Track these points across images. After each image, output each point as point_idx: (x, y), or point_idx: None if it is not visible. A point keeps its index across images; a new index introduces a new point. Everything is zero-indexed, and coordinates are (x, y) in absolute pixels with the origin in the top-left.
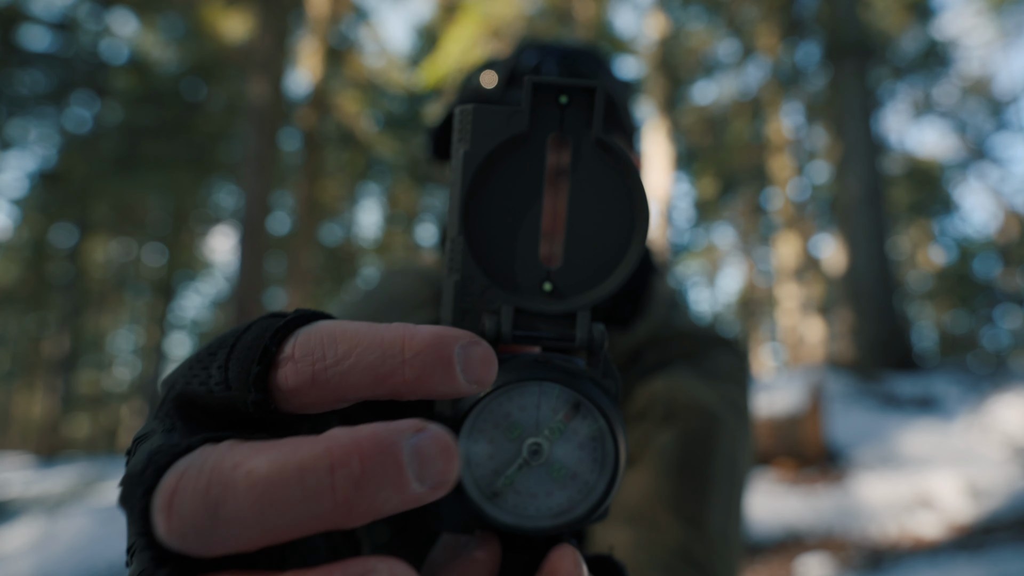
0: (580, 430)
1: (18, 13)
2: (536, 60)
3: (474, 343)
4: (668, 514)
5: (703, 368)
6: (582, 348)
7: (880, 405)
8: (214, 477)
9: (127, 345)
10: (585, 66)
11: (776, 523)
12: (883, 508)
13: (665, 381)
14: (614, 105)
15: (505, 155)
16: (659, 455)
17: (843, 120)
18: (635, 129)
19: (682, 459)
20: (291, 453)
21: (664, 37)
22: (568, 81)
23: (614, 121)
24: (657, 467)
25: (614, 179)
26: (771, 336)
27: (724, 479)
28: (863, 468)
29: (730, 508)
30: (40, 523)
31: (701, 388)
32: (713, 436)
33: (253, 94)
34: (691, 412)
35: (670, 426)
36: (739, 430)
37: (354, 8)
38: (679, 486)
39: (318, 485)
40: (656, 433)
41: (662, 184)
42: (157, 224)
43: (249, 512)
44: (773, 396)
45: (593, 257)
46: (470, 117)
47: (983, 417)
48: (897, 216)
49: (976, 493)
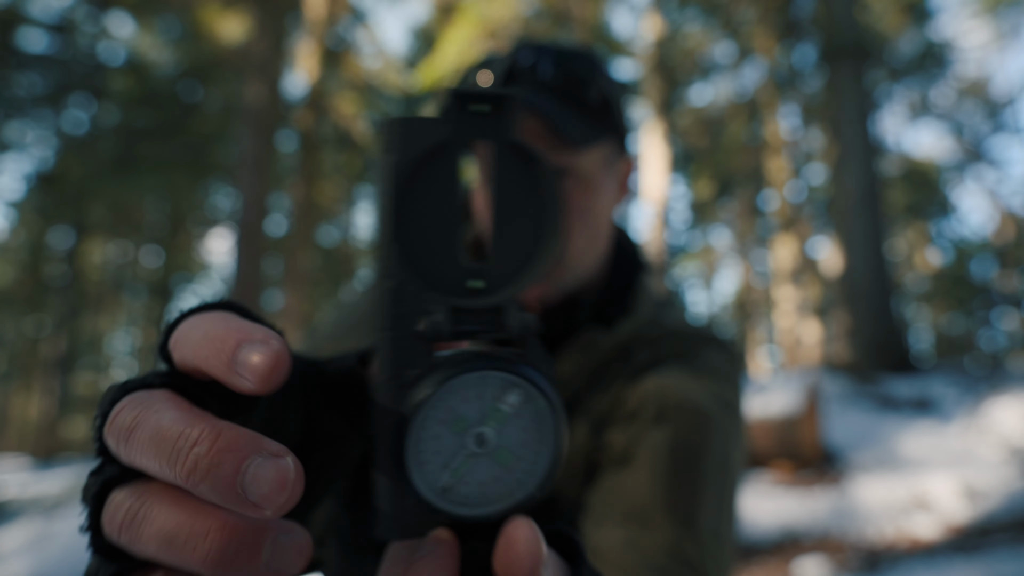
0: (522, 413)
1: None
2: (532, 60)
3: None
4: (660, 514)
5: (695, 367)
6: (515, 337)
7: (877, 407)
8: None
9: (124, 347)
10: (580, 66)
11: (773, 525)
12: (880, 510)
13: (656, 380)
14: (608, 107)
15: (428, 163)
16: (651, 455)
17: (840, 122)
18: (628, 131)
19: (674, 459)
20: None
21: (661, 39)
22: (486, 90)
23: (608, 123)
24: (649, 467)
25: (531, 181)
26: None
27: (716, 478)
28: (860, 470)
29: (722, 507)
30: (37, 524)
31: (693, 387)
32: (705, 436)
33: (250, 96)
34: (682, 412)
35: (662, 426)
36: (731, 429)
37: (351, 10)
38: (671, 486)
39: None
40: (648, 433)
41: (659, 186)
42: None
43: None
44: (770, 398)
45: (516, 253)
46: (396, 128)
47: (980, 419)
48: (894, 218)
49: (973, 495)
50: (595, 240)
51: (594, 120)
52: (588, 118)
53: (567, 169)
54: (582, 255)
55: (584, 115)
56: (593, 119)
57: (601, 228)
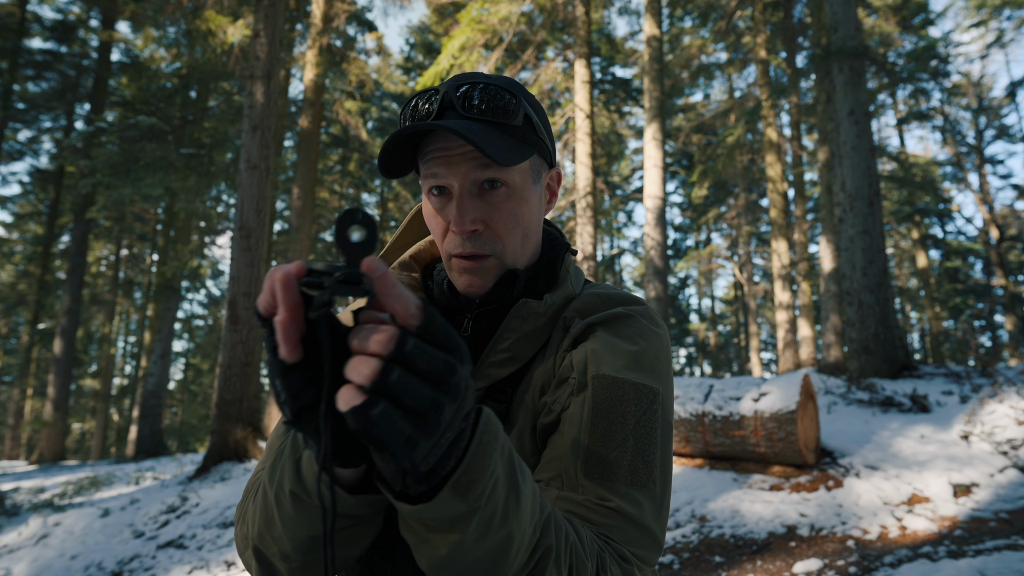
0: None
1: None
2: (464, 91)
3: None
4: (582, 476)
5: (620, 334)
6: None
7: (872, 407)
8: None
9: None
10: (504, 94)
11: (770, 525)
12: (876, 509)
13: (581, 352)
14: (533, 128)
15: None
16: (571, 422)
17: (836, 124)
18: (551, 147)
19: (593, 422)
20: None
21: (659, 42)
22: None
23: (532, 140)
24: (570, 432)
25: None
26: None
27: (633, 437)
28: (856, 470)
29: (642, 460)
30: (40, 523)
31: (615, 356)
32: (621, 402)
33: (252, 98)
34: (599, 381)
35: (583, 394)
36: (650, 390)
37: (353, 14)
38: (587, 448)
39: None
40: (572, 400)
41: (656, 188)
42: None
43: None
44: (767, 398)
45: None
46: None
47: (975, 419)
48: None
49: (969, 494)
50: (526, 238)
51: (520, 139)
52: (514, 139)
53: (500, 181)
54: (516, 251)
55: (511, 136)
56: (518, 139)
57: (531, 227)
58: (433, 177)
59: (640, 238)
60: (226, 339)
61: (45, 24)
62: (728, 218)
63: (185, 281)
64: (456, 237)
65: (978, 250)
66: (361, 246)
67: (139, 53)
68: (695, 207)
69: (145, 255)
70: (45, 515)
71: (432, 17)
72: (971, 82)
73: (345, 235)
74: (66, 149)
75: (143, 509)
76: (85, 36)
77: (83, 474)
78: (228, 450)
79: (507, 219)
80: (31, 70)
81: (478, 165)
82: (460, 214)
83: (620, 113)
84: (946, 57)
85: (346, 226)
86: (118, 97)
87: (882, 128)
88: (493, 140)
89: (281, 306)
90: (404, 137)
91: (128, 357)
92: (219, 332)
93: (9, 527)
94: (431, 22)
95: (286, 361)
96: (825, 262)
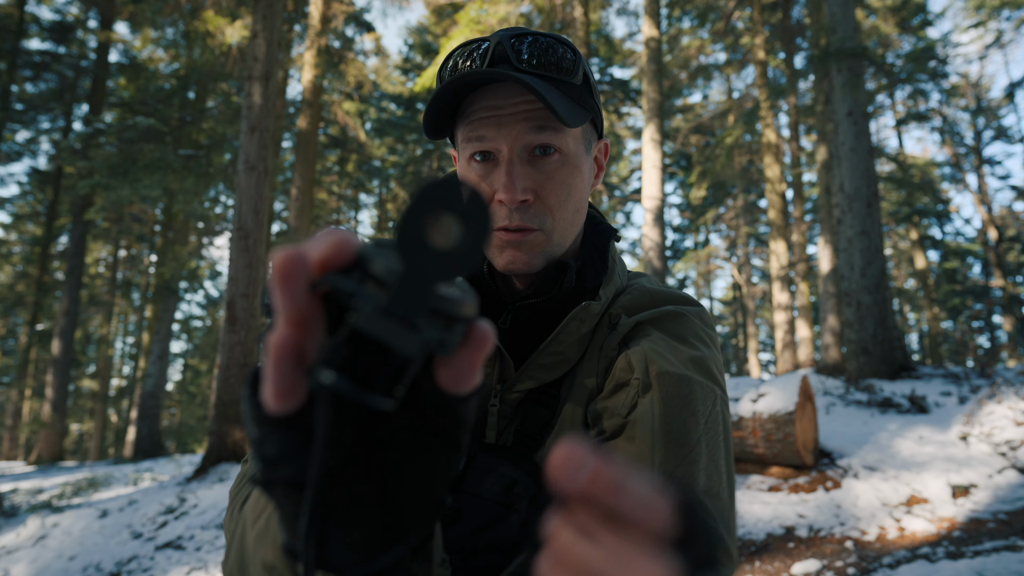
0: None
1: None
2: (514, 44)
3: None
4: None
5: (674, 333)
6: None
7: (871, 408)
8: None
9: (124, 348)
10: (561, 51)
11: (769, 526)
12: (874, 510)
13: (638, 351)
14: (590, 89)
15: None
16: (642, 425)
17: (835, 125)
18: (600, 114)
19: (664, 426)
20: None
21: (657, 43)
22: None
23: (588, 105)
24: (642, 437)
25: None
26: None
27: (704, 440)
28: (855, 471)
29: (715, 466)
30: (38, 524)
31: (674, 354)
32: (690, 401)
33: (250, 99)
34: (667, 379)
35: (650, 396)
36: (712, 390)
37: (351, 15)
38: (664, 452)
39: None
40: (638, 403)
41: (655, 188)
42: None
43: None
44: (765, 399)
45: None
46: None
47: (974, 420)
48: (888, 220)
49: (967, 495)
50: (576, 214)
51: (577, 101)
52: (572, 100)
53: (555, 147)
54: (566, 227)
55: (569, 97)
56: (575, 100)
57: (582, 202)
58: (479, 140)
59: (638, 239)
60: (224, 340)
61: (43, 25)
62: (726, 219)
63: (183, 282)
64: (502, 208)
65: (976, 251)
66: (460, 249)
67: (137, 54)
68: (693, 208)
69: (143, 256)
70: (43, 516)
71: (431, 18)
72: (970, 83)
73: (429, 229)
74: (64, 150)
75: (141, 510)
76: (83, 37)
77: (81, 475)
78: (226, 451)
79: (560, 190)
80: (29, 71)
81: (533, 127)
82: (510, 180)
83: (618, 114)
84: (945, 58)
85: (433, 211)
86: (116, 98)
87: (881, 129)
88: (557, 98)
89: (280, 316)
90: (454, 91)
91: (126, 358)
92: (217, 333)
93: (7, 528)
94: (430, 23)
95: (268, 409)
96: (823, 263)
